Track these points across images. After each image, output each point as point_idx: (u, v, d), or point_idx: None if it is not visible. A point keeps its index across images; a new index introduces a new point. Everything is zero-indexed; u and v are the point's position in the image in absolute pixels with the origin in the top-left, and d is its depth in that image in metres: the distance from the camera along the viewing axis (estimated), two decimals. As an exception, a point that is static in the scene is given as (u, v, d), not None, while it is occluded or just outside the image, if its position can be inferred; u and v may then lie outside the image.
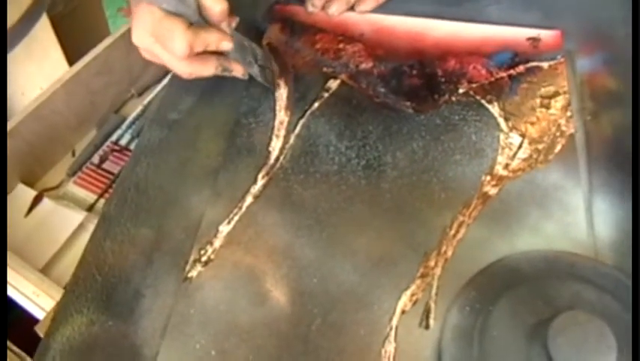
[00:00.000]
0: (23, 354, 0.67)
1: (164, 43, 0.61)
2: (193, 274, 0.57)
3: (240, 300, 0.55)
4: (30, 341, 0.63)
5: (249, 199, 0.62)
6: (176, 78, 0.74)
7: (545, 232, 0.59)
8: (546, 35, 0.75)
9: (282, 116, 0.68)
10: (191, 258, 0.58)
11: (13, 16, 0.84)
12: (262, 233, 0.60)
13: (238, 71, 0.68)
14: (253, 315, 0.55)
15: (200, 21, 0.61)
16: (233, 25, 0.66)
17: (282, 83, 0.72)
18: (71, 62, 0.99)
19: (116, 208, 0.62)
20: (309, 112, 0.69)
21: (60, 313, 0.56)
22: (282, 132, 0.67)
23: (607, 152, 0.65)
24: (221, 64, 0.66)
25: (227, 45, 0.63)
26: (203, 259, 0.58)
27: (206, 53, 0.63)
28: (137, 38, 0.62)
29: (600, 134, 0.66)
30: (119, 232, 0.60)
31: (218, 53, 0.65)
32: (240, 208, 0.61)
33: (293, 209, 0.61)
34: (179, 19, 0.59)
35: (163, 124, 0.69)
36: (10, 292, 0.65)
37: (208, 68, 0.65)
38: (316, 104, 0.69)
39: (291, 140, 0.66)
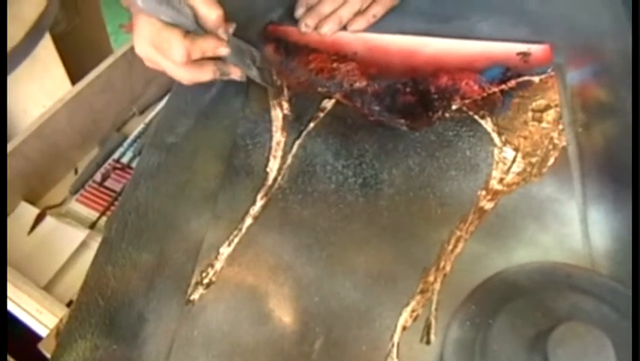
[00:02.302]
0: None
1: (164, 52, 0.63)
2: (195, 296, 0.57)
3: (242, 321, 0.56)
4: (33, 359, 0.63)
5: (248, 220, 0.62)
6: (172, 101, 0.75)
7: (542, 244, 0.59)
8: (536, 49, 0.76)
9: (278, 136, 0.69)
10: (193, 280, 0.58)
11: (16, 35, 0.84)
12: (262, 254, 0.60)
13: (236, 73, 0.70)
14: (256, 335, 0.55)
15: (197, 30, 0.63)
16: (230, 30, 0.69)
17: (276, 103, 0.72)
18: (74, 79, 0.99)
19: (117, 233, 0.62)
20: (305, 132, 0.69)
21: (64, 339, 0.56)
22: (279, 153, 0.67)
23: (600, 163, 0.65)
24: (219, 68, 0.68)
25: (223, 51, 0.65)
26: (205, 281, 0.58)
27: (204, 59, 0.66)
28: (139, 48, 0.64)
29: (592, 145, 0.67)
30: (120, 256, 0.60)
31: (217, 58, 0.67)
32: (240, 230, 0.61)
33: (292, 229, 0.62)
34: (177, 29, 0.61)
35: (161, 148, 0.69)
36: (13, 309, 0.65)
37: (206, 73, 0.67)
38: (312, 124, 0.70)
39: (289, 160, 0.67)
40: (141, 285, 0.58)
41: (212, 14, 0.63)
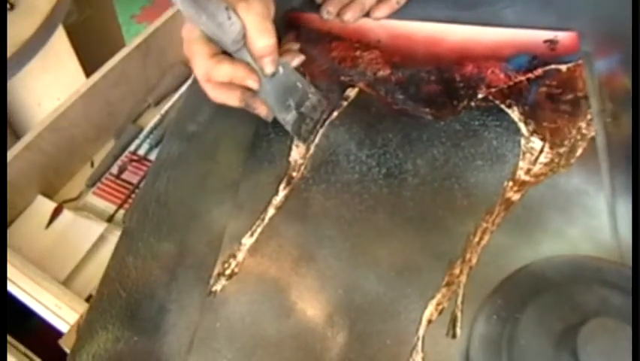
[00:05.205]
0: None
1: (191, 63, 0.62)
2: (217, 288, 0.57)
3: (265, 313, 0.56)
4: (53, 354, 0.63)
5: (271, 211, 0.62)
6: (192, 90, 0.75)
7: (569, 237, 0.58)
8: (563, 37, 0.75)
9: (301, 125, 0.68)
10: (215, 272, 0.58)
11: (29, 28, 0.84)
12: (285, 245, 0.60)
13: (261, 110, 0.65)
14: (279, 328, 0.55)
15: (240, 51, 0.60)
16: (294, 63, 0.67)
17: None
18: (86, 70, 1.00)
19: (137, 223, 0.62)
20: (328, 121, 0.69)
21: (85, 330, 0.56)
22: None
23: (629, 154, 0.64)
24: (245, 99, 0.63)
25: (252, 84, 0.61)
26: (227, 272, 0.58)
27: (234, 84, 0.62)
28: (184, 48, 0.62)
29: (621, 136, 0.66)
30: (141, 247, 0.60)
31: (247, 87, 0.62)
32: (263, 220, 0.61)
33: (315, 220, 0.61)
34: (208, 45, 0.59)
35: (182, 137, 0.69)
36: (32, 304, 0.66)
37: (231, 99, 0.63)
38: (335, 113, 0.69)
39: (311, 150, 0.66)
40: (163, 276, 0.58)
41: (259, 41, 0.59)
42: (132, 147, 0.87)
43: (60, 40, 0.96)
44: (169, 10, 0.93)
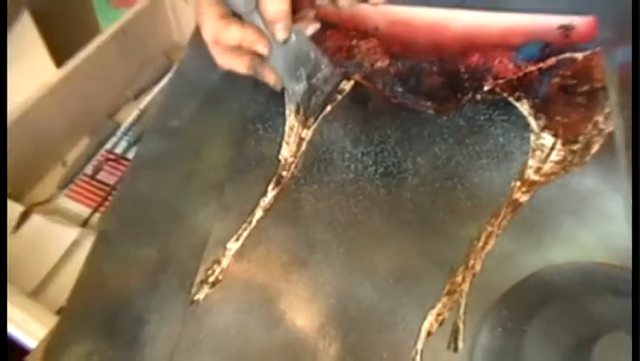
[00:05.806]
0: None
1: (200, 28, 0.64)
2: (200, 296, 0.57)
3: (252, 323, 0.56)
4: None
5: (258, 213, 0.62)
6: (175, 81, 0.74)
7: (582, 243, 0.58)
8: (579, 23, 0.74)
9: (292, 121, 0.68)
10: (198, 279, 0.58)
11: None
12: (274, 250, 0.60)
13: (269, 78, 0.67)
14: (266, 339, 0.55)
15: (252, 15, 0.61)
16: (309, 31, 0.68)
17: None
18: (58, 61, 0.99)
19: (114, 227, 0.62)
20: (321, 116, 0.69)
21: (55, 344, 0.56)
22: (293, 139, 0.67)
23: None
24: (253, 66, 0.65)
25: (261, 49, 0.63)
26: (211, 279, 0.58)
27: (243, 49, 0.64)
28: (194, 15, 0.65)
29: (642, 131, 0.66)
30: (118, 252, 0.60)
31: (257, 53, 0.64)
32: (250, 223, 0.61)
33: (306, 223, 0.61)
34: (218, 5, 0.61)
35: (163, 133, 0.69)
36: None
37: (239, 65, 0.65)
38: (329, 108, 0.70)
39: (303, 147, 0.66)
40: (141, 284, 0.58)
41: (272, 5, 0.60)
42: (108, 145, 0.87)
43: (26, 26, 0.95)
44: (150, -7, 0.93)
